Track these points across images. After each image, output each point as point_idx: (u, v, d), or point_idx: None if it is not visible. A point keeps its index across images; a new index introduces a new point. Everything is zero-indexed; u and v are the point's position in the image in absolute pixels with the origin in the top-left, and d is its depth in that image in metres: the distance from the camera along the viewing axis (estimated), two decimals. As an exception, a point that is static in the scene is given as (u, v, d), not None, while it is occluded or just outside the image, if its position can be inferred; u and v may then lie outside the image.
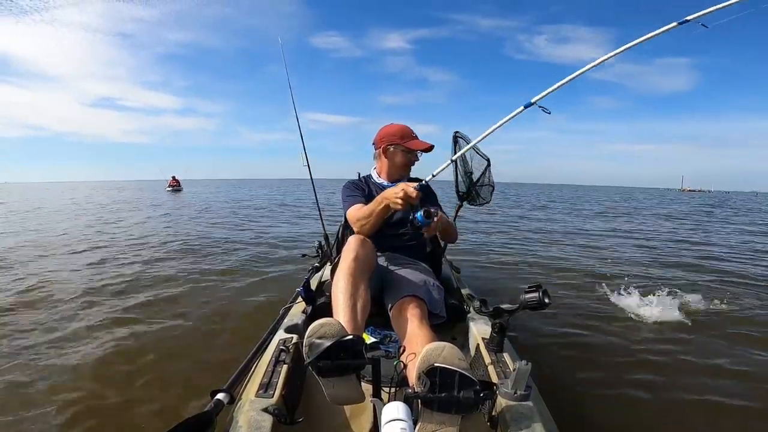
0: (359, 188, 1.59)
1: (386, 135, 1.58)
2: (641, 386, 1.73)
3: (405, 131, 1.57)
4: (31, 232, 6.17)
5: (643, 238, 6.26)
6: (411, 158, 1.59)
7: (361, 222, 1.40)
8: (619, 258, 4.57)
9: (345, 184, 1.64)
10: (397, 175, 1.62)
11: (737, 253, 5.02)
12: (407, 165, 1.60)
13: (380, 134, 1.60)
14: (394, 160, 1.58)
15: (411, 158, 1.59)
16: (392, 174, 1.62)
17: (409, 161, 1.59)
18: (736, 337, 2.25)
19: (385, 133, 1.59)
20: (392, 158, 1.58)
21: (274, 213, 9.84)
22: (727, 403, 1.61)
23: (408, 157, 1.58)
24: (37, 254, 4.34)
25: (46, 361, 1.87)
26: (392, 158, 1.58)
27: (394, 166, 1.59)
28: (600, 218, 9.76)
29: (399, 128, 1.58)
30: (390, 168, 1.61)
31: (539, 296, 1.05)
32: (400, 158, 1.57)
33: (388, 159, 1.60)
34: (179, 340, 2.12)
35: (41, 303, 2.69)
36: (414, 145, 1.56)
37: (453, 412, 0.77)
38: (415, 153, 1.58)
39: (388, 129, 1.59)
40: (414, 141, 1.56)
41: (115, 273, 3.50)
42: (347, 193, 1.58)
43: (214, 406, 0.84)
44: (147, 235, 5.86)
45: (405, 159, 1.58)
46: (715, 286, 3.31)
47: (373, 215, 1.35)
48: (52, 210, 10.94)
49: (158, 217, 8.67)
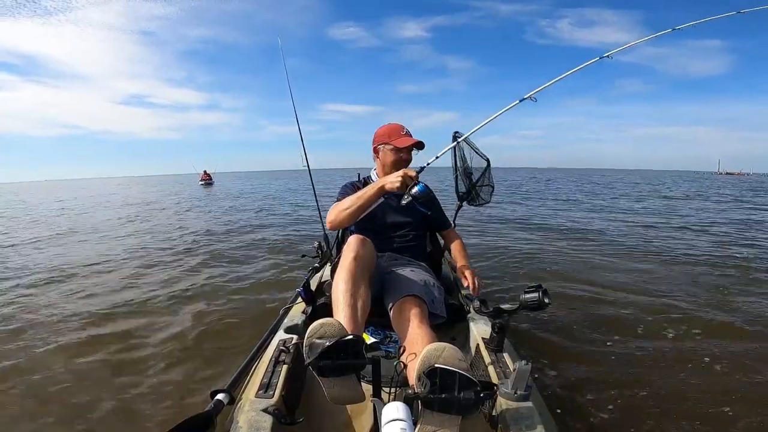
0: (353, 189, 1.57)
1: (378, 135, 1.61)
2: (642, 386, 1.74)
3: (393, 129, 1.58)
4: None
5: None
6: (402, 156, 1.57)
7: (342, 208, 1.41)
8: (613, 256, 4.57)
9: (342, 186, 1.65)
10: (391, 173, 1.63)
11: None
12: (398, 163, 1.57)
13: (374, 135, 1.63)
14: (386, 160, 1.59)
15: (402, 156, 1.57)
16: (387, 173, 1.60)
17: (400, 159, 1.57)
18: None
19: (377, 133, 1.62)
20: (384, 158, 1.60)
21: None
22: (727, 407, 1.61)
23: (398, 155, 1.57)
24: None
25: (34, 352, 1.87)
26: (384, 158, 1.60)
27: (387, 166, 1.59)
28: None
29: (388, 127, 1.60)
30: (384, 168, 1.61)
31: (539, 296, 1.05)
32: (390, 157, 1.58)
33: (380, 159, 1.62)
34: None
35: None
36: (400, 143, 1.55)
37: (453, 413, 0.77)
38: (407, 150, 1.57)
39: (379, 130, 1.62)
40: (401, 138, 1.56)
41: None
42: (341, 192, 1.60)
43: (214, 406, 0.84)
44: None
45: (395, 157, 1.57)
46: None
47: (363, 198, 1.37)
48: (123, 204, 12.41)
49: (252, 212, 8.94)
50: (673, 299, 2.82)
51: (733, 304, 2.74)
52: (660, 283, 3.25)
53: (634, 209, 9.01)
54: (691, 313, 2.55)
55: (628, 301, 2.81)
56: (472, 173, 2.05)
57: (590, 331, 2.31)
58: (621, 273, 3.60)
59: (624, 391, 1.70)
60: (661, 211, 8.53)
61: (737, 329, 2.32)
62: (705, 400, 1.64)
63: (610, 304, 2.76)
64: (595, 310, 2.65)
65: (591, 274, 3.61)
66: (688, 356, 2.02)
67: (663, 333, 2.32)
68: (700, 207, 9.63)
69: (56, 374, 1.77)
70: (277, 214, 8.50)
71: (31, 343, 2.09)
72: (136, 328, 2.29)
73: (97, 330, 2.26)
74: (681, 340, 2.23)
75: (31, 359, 1.93)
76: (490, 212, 7.49)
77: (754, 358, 1.97)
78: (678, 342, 2.20)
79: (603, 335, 2.27)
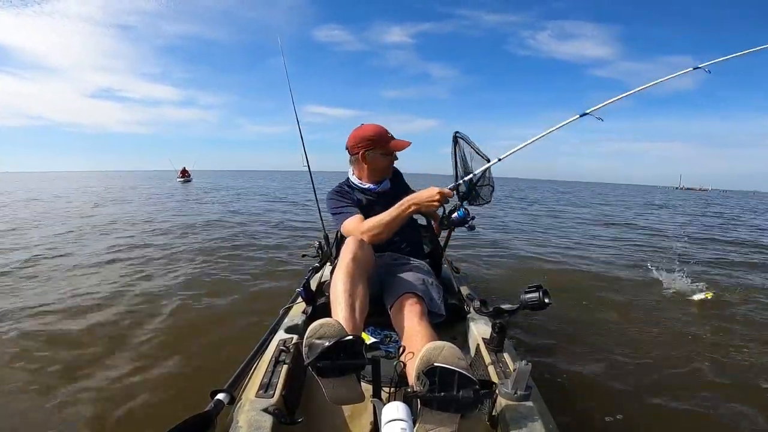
0: (346, 197, 1.56)
1: (362, 139, 1.53)
2: (642, 386, 1.73)
3: (381, 133, 1.53)
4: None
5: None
6: (392, 159, 1.58)
7: (375, 230, 1.37)
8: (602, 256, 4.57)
9: (328, 195, 1.59)
10: (380, 177, 1.60)
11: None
12: (389, 166, 1.59)
13: (355, 138, 1.54)
14: (376, 164, 1.55)
15: (392, 159, 1.58)
16: (374, 177, 1.59)
17: (391, 162, 1.59)
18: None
19: (361, 137, 1.53)
20: (373, 162, 1.55)
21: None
22: (723, 414, 1.61)
23: (389, 159, 1.57)
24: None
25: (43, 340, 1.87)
26: (373, 162, 1.55)
27: (376, 170, 1.57)
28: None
29: (374, 131, 1.53)
30: (371, 172, 1.57)
31: (539, 296, 1.05)
32: (381, 161, 1.55)
33: (368, 163, 1.55)
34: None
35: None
36: (395, 146, 1.54)
37: (452, 411, 0.77)
38: (395, 153, 1.57)
39: (362, 132, 1.53)
40: (393, 142, 1.54)
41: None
42: (337, 205, 1.53)
43: (214, 406, 0.84)
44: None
45: (387, 161, 1.56)
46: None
47: (396, 220, 1.37)
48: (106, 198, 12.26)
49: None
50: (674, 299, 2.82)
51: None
52: (661, 283, 3.25)
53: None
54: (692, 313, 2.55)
55: (629, 302, 2.81)
56: (472, 173, 2.05)
57: (590, 332, 2.31)
58: (622, 273, 3.60)
59: (624, 392, 1.70)
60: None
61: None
62: (706, 401, 1.64)
63: (610, 305, 2.76)
64: (596, 311, 2.65)
65: (591, 274, 3.61)
66: (692, 357, 2.02)
67: (664, 333, 2.32)
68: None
69: (56, 374, 1.77)
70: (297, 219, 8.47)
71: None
72: (133, 326, 2.29)
73: (95, 330, 2.26)
74: (682, 340, 2.23)
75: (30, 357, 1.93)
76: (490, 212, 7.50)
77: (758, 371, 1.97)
78: (679, 342, 2.20)
79: (603, 336, 2.27)
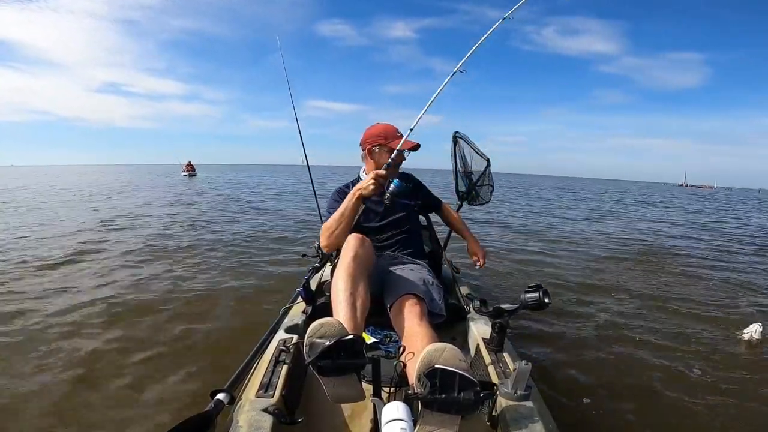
0: (344, 195, 1.52)
1: (371, 136, 1.56)
2: (642, 386, 1.74)
3: (389, 131, 1.54)
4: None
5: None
6: (397, 157, 1.55)
7: (330, 230, 1.36)
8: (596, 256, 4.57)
9: (331, 194, 1.61)
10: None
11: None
12: (395, 164, 1.55)
13: (365, 135, 1.58)
14: (380, 161, 1.54)
15: (397, 157, 1.55)
16: None
17: (396, 160, 1.55)
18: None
19: (370, 134, 1.56)
20: (378, 159, 1.55)
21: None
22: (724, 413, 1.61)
23: (397, 158, 1.55)
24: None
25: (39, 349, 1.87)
26: (378, 159, 1.55)
27: (380, 167, 1.54)
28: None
29: (383, 128, 1.55)
30: (377, 169, 1.53)
31: (539, 296, 1.05)
32: (385, 159, 1.53)
33: (374, 160, 1.57)
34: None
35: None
36: (398, 145, 1.52)
37: (453, 413, 0.77)
38: (402, 152, 1.55)
39: (372, 130, 1.57)
40: (398, 140, 1.52)
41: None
42: (331, 206, 1.54)
43: (214, 406, 0.84)
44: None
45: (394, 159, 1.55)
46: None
47: (345, 214, 1.34)
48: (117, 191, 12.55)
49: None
50: (675, 300, 2.83)
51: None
52: (662, 285, 3.25)
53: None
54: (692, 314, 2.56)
55: (630, 302, 2.81)
56: (472, 173, 2.06)
57: (590, 332, 2.32)
58: (623, 274, 3.60)
59: (625, 392, 1.70)
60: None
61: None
62: (707, 402, 1.64)
63: (611, 306, 2.76)
64: (596, 311, 2.65)
65: (591, 274, 3.61)
66: (691, 361, 2.03)
67: (663, 334, 2.32)
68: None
69: (54, 373, 1.77)
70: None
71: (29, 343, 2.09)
72: (132, 326, 2.29)
73: (93, 329, 2.26)
74: (683, 341, 2.23)
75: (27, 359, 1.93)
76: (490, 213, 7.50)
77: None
78: (679, 344, 2.21)
79: (603, 336, 2.27)
